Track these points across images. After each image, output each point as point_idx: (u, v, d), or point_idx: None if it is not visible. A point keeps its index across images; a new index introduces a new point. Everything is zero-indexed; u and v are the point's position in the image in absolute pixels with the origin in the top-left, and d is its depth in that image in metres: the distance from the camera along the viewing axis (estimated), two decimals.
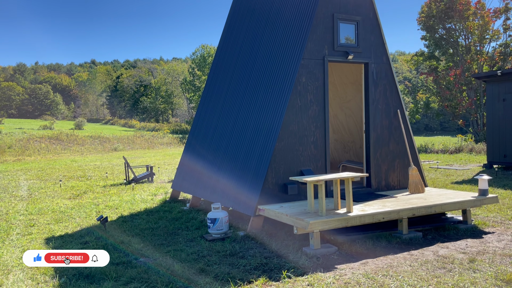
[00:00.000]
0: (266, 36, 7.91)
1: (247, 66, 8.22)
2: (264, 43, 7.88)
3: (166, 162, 20.49)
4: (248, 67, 8.17)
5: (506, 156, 13.16)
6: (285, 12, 7.53)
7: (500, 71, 13.18)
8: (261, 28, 8.21)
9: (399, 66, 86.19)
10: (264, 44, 7.88)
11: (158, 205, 8.99)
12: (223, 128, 8.27)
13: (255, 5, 8.83)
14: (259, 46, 8.04)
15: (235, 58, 8.87)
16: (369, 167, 7.34)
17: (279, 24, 7.58)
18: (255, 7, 8.78)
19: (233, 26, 9.56)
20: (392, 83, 7.47)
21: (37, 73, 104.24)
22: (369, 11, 7.24)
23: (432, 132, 61.26)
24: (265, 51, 7.75)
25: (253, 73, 7.89)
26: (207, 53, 52.05)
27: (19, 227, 7.33)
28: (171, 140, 38.92)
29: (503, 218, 6.90)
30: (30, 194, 11.21)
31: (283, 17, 7.53)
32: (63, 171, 17.18)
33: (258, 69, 7.78)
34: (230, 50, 9.27)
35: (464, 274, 4.43)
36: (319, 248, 5.21)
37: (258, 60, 7.87)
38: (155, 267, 4.86)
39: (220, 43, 9.86)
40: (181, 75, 68.83)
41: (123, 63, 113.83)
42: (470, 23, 25.80)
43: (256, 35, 8.32)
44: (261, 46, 7.95)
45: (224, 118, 8.41)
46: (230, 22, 9.76)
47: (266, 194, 6.38)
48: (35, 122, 55.57)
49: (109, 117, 76.63)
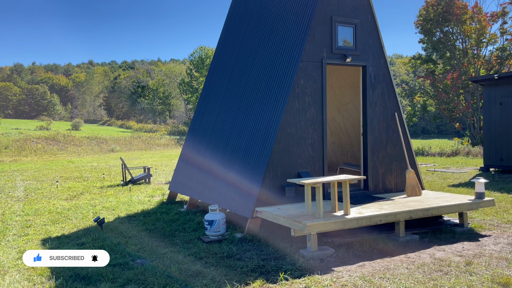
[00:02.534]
0: (264, 38, 7.92)
1: (245, 68, 8.23)
2: (263, 45, 7.89)
3: (163, 164, 20.46)
4: (246, 69, 8.18)
5: (503, 159, 13.21)
6: (283, 14, 7.55)
7: (497, 75, 13.24)
8: (259, 30, 8.22)
9: (397, 69, 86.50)
10: (262, 46, 7.90)
11: (155, 207, 8.97)
12: (221, 130, 8.28)
13: (253, 7, 8.84)
14: (257, 48, 8.05)
15: (234, 60, 8.88)
16: (366, 169, 7.35)
17: (278, 26, 7.59)
18: (254, 9, 8.80)
19: (231, 27, 9.57)
20: (389, 86, 7.50)
21: (34, 74, 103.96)
22: (367, 14, 7.26)
23: (429, 135, 61.46)
24: (263, 53, 7.76)
25: (251, 75, 7.90)
26: (205, 55, 52.06)
27: (16, 228, 7.30)
28: (169, 142, 38.87)
29: (499, 221, 6.93)
30: (27, 195, 11.17)
31: (282, 19, 7.55)
32: (59, 172, 17.13)
33: (256, 71, 7.79)
34: (229, 51, 9.28)
35: (460, 277, 4.45)
36: (316, 250, 5.22)
37: (256, 62, 7.88)
38: (152, 269, 4.85)
39: (219, 44, 9.87)
40: (179, 77, 68.75)
41: (120, 64, 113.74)
42: (467, 27, 25.94)
43: (254, 37, 8.34)
44: (260, 48, 7.96)
45: (222, 119, 8.41)
46: (228, 23, 9.78)
47: (263, 196, 6.38)
48: (31, 123, 55.38)
49: (106, 118, 76.41)
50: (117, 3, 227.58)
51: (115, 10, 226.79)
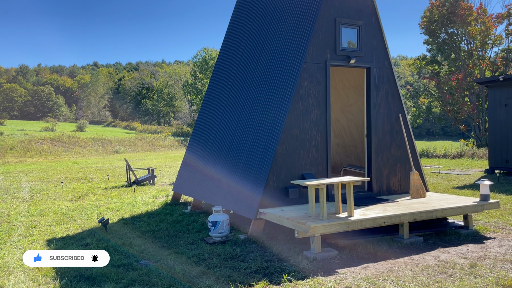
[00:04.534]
0: (268, 39, 7.93)
1: (249, 69, 8.24)
2: (267, 46, 7.90)
3: (167, 165, 20.51)
4: (250, 70, 8.19)
5: (508, 161, 13.14)
6: (287, 15, 7.56)
7: (502, 76, 13.18)
8: (263, 31, 8.24)
9: (401, 71, 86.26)
10: (266, 47, 7.91)
11: (159, 208, 8.99)
12: (224, 131, 8.29)
13: (257, 9, 8.86)
14: (261, 49, 8.07)
15: (238, 61, 8.90)
16: (370, 171, 7.34)
17: (282, 27, 7.60)
18: (258, 10, 8.81)
19: (235, 29, 9.59)
20: (394, 87, 7.48)
21: (40, 75, 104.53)
22: (371, 15, 7.26)
23: (434, 137, 61.20)
24: (267, 55, 7.77)
25: (255, 76, 7.91)
26: (209, 56, 52.17)
27: (21, 228, 7.35)
28: (173, 143, 38.95)
29: (504, 224, 6.89)
30: (32, 195, 11.23)
31: (286, 21, 7.56)
32: (64, 173, 17.21)
33: (260, 72, 7.80)
34: (233, 53, 9.30)
35: (465, 279, 4.43)
36: (320, 252, 5.21)
37: (260, 64, 7.89)
38: (156, 270, 4.87)
39: (223, 45, 9.90)
40: (183, 78, 68.93)
41: (125, 66, 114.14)
42: (472, 28, 25.84)
43: (258, 38, 8.35)
44: (264, 49, 7.97)
45: (226, 121, 8.43)
46: (233, 25, 9.79)
47: (267, 197, 6.39)
48: (37, 124, 55.68)
49: (111, 119, 76.70)
50: (121, 5, 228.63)
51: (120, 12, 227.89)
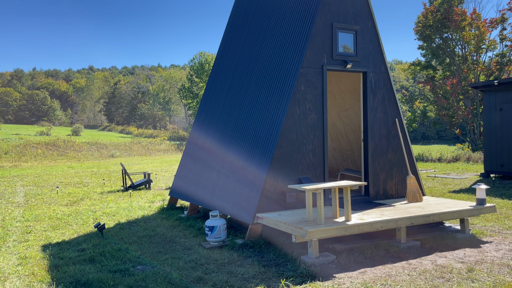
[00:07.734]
0: (265, 44, 7.95)
1: (246, 74, 8.25)
2: (264, 51, 7.92)
3: (163, 169, 20.45)
4: (247, 74, 8.20)
5: (503, 165, 13.21)
6: (284, 20, 7.59)
7: (497, 81, 13.28)
8: (260, 36, 8.26)
9: (397, 75, 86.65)
10: (263, 52, 7.92)
11: (155, 212, 8.96)
12: (221, 136, 8.28)
13: (254, 13, 8.89)
14: (258, 53, 8.08)
15: (235, 66, 8.91)
16: (367, 175, 7.35)
17: (279, 32, 7.63)
18: (255, 15, 8.84)
19: (233, 33, 9.61)
20: (390, 92, 7.51)
21: (35, 79, 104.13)
22: (368, 20, 7.30)
23: (429, 141, 61.47)
24: (264, 59, 7.79)
25: (252, 80, 7.92)
26: (205, 60, 52.28)
27: (16, 233, 7.29)
28: (169, 147, 38.87)
29: (500, 228, 6.91)
30: (27, 200, 11.15)
31: (283, 25, 7.58)
32: (60, 178, 17.11)
33: (257, 76, 7.81)
34: (230, 57, 9.31)
35: (462, 283, 4.43)
36: (318, 256, 5.20)
37: (257, 68, 7.91)
38: (153, 275, 4.84)
39: (220, 49, 9.91)
40: (179, 82, 68.95)
41: (121, 70, 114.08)
42: (466, 33, 26.03)
43: (255, 42, 8.37)
44: (260, 54, 7.99)
45: (222, 125, 8.42)
46: (230, 29, 9.81)
47: (264, 202, 6.38)
48: (32, 128, 55.41)
49: (107, 124, 76.49)
50: (117, 9, 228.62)
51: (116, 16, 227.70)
